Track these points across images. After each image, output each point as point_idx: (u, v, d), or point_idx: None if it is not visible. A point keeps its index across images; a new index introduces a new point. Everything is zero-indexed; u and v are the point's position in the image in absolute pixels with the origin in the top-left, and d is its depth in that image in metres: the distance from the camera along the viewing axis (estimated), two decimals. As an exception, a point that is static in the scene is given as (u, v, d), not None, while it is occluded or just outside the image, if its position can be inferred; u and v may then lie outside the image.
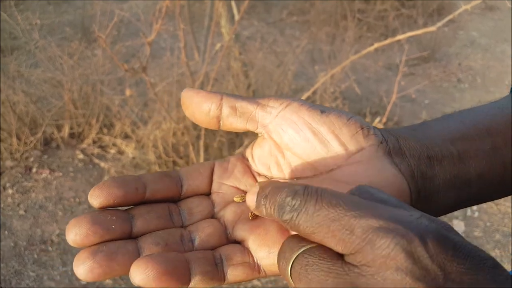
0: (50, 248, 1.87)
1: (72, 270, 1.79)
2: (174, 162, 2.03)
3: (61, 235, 1.94)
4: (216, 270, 0.27)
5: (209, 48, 1.72)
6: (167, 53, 2.32)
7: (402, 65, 1.77)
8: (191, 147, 1.91)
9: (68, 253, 1.86)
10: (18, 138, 2.25)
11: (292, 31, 3.88)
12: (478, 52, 3.67)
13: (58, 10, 3.60)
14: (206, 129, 1.92)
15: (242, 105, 0.31)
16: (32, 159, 2.29)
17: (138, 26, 2.21)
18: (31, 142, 2.27)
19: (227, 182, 0.32)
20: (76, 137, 2.40)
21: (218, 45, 1.86)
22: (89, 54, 2.48)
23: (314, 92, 2.18)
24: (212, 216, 0.31)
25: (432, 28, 1.19)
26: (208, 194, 0.32)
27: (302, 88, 2.72)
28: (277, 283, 1.80)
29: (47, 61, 2.33)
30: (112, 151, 2.32)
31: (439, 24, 1.19)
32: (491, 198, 0.34)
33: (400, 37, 1.25)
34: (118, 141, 2.25)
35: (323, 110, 0.30)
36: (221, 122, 0.32)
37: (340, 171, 0.29)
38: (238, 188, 0.32)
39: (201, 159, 1.90)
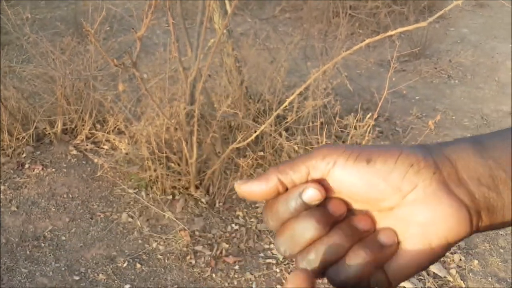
0: (42, 244, 1.86)
1: (64, 265, 1.78)
2: (168, 158, 2.03)
3: (54, 231, 1.93)
4: None
5: (202, 44, 1.72)
6: (160, 49, 2.32)
7: (393, 62, 1.78)
8: (184, 143, 1.91)
9: (61, 249, 1.85)
10: (10, 134, 2.24)
11: (285, 28, 3.89)
12: (468, 49, 3.70)
13: (50, 5, 3.57)
14: (199, 125, 1.92)
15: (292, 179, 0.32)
16: (24, 155, 2.28)
17: (131, 22, 2.20)
18: (23, 138, 2.26)
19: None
20: (69, 133, 2.39)
21: (211, 41, 1.87)
22: (81, 49, 2.47)
23: (307, 88, 2.19)
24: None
25: (422, 24, 1.20)
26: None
27: (295, 84, 2.73)
28: (269, 276, 1.82)
29: (39, 56, 2.32)
30: (105, 147, 2.32)
31: (430, 19, 1.21)
32: None
33: (391, 32, 1.26)
34: (111, 137, 2.25)
35: (369, 159, 0.30)
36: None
37: (400, 210, 0.30)
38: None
39: (194, 155, 1.90)
